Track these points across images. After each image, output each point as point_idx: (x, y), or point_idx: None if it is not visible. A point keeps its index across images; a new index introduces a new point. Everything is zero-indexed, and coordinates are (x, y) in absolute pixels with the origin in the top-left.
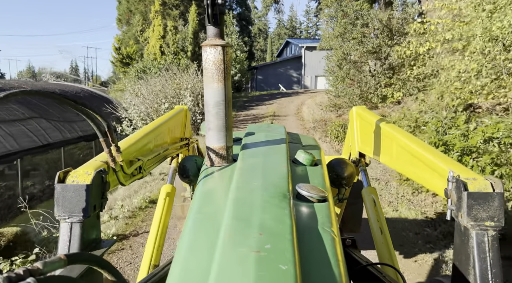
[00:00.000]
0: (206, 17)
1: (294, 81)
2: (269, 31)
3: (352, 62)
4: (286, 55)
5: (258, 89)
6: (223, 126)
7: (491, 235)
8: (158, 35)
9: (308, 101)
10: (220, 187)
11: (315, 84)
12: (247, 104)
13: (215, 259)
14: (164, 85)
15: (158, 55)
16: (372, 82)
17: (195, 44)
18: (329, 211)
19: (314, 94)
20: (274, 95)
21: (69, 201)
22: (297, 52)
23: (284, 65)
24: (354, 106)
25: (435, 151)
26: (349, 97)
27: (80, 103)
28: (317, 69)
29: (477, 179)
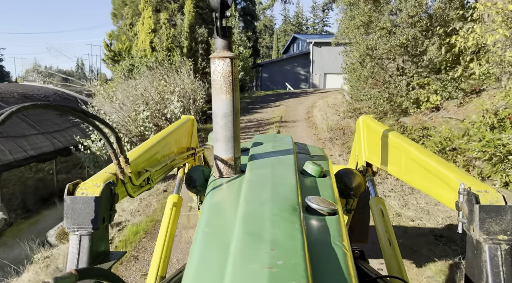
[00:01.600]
0: (214, 29)
1: (301, 80)
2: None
3: (377, 58)
4: (293, 51)
5: (263, 88)
6: (231, 137)
7: (505, 249)
8: (148, 28)
9: (319, 102)
10: (229, 199)
11: (324, 82)
12: (250, 106)
13: (227, 275)
14: (147, 88)
15: (148, 52)
16: (403, 83)
17: (191, 39)
18: (340, 225)
19: (325, 95)
20: (281, 96)
21: (78, 213)
22: (304, 48)
23: (291, 62)
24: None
25: (445, 163)
26: (374, 101)
27: (90, 115)
28: (326, 66)
29: (488, 192)
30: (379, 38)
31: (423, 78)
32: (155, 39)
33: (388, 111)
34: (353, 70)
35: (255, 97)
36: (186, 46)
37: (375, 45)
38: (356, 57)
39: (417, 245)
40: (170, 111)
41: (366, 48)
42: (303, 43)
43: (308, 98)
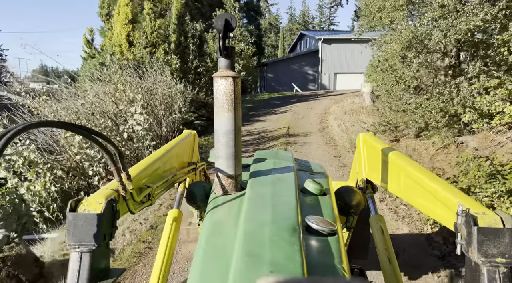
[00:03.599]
0: (218, 49)
1: (309, 80)
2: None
3: (426, 53)
4: (300, 49)
5: (267, 89)
6: (232, 155)
7: (503, 271)
8: (124, 19)
9: (334, 108)
10: (229, 217)
11: (334, 83)
12: (251, 113)
13: None
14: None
15: (125, 48)
16: (464, 86)
17: (180, 32)
18: (339, 245)
19: (339, 98)
20: (287, 99)
21: (79, 230)
22: (313, 45)
23: (298, 61)
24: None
25: (444, 183)
26: (423, 112)
27: (93, 132)
28: (336, 65)
29: (487, 214)
30: (435, 21)
31: (493, 79)
32: (136, 32)
33: (443, 126)
34: (390, 70)
35: (258, 102)
36: (174, 41)
37: (427, 33)
38: (396, 51)
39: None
40: (127, 129)
41: (413, 38)
42: (311, 41)
43: (320, 103)
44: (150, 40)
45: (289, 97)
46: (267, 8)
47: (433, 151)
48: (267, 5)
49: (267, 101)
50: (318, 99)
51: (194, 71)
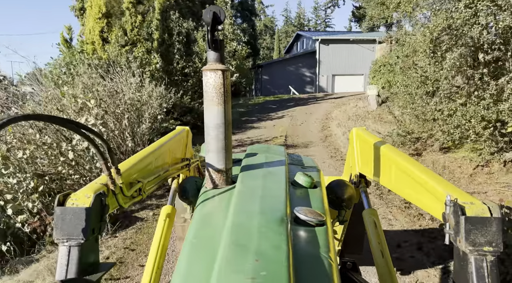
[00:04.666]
0: (206, 42)
1: (307, 82)
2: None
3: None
4: (296, 50)
5: (263, 92)
6: (222, 148)
7: (490, 260)
8: (97, 12)
9: (336, 113)
10: (218, 210)
11: (332, 85)
12: (244, 118)
13: None
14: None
15: (98, 45)
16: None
17: (163, 29)
18: (327, 236)
19: (340, 101)
20: (284, 103)
21: (68, 224)
22: (309, 46)
23: (294, 63)
24: (354, 128)
25: (433, 174)
26: (458, 121)
27: (81, 126)
28: (334, 66)
29: (474, 203)
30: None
31: None
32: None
33: (485, 139)
34: (414, 69)
35: (252, 106)
36: (157, 38)
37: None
38: (425, 44)
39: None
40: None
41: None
42: (308, 41)
43: (319, 107)
44: (130, 37)
45: (286, 101)
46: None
47: (470, 169)
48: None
49: (262, 105)
50: (318, 103)
51: (180, 72)
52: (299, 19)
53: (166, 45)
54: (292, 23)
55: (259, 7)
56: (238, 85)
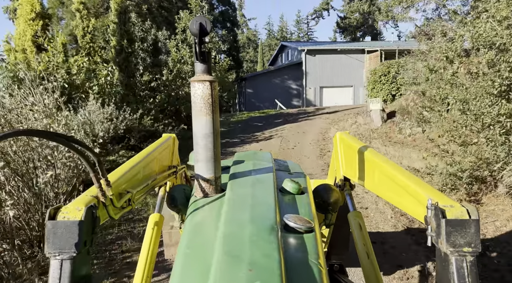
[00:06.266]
0: (194, 54)
1: (293, 95)
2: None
3: None
4: (281, 62)
5: (247, 107)
6: (211, 157)
7: (469, 260)
8: (29, 12)
9: (333, 132)
10: (209, 220)
11: (320, 98)
12: (225, 140)
13: None
14: None
15: (31, 53)
16: None
17: (121, 34)
18: (316, 242)
19: (336, 117)
20: (271, 120)
21: (59, 238)
22: (295, 57)
23: (279, 75)
24: (338, 133)
25: (415, 178)
26: None
27: (71, 140)
28: (322, 78)
29: (454, 206)
30: None
31: None
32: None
33: None
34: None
35: (235, 124)
36: (114, 45)
37: None
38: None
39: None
40: None
41: None
42: (293, 52)
43: (313, 124)
44: (82, 45)
45: (273, 117)
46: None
47: None
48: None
49: (246, 122)
50: (310, 119)
51: (145, 86)
52: (282, 33)
53: (125, 53)
54: (275, 36)
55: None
56: (219, 100)
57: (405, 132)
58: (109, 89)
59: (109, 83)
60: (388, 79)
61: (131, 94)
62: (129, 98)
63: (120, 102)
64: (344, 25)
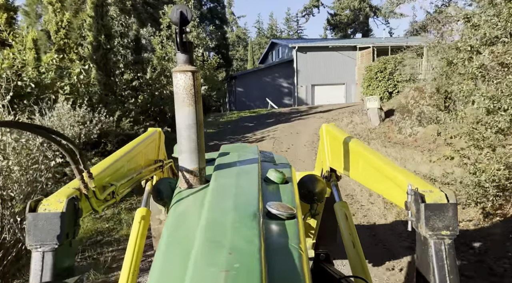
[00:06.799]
0: (175, 44)
1: (285, 93)
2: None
3: None
4: (272, 60)
5: (237, 106)
6: (195, 148)
7: (448, 243)
8: None
9: None
10: (193, 209)
11: (312, 96)
12: (213, 143)
13: (187, 278)
14: None
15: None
16: None
17: (98, 29)
18: (298, 228)
19: (330, 116)
20: (263, 119)
21: (40, 230)
22: (286, 55)
23: (270, 73)
24: (324, 124)
25: (396, 166)
26: None
27: (51, 131)
28: (313, 76)
29: (433, 191)
30: None
31: None
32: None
33: None
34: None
35: (224, 124)
36: (91, 41)
37: None
38: None
39: None
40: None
41: None
42: (283, 49)
43: (306, 124)
44: (56, 41)
45: (265, 117)
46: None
47: None
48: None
49: (236, 123)
50: (303, 119)
51: (127, 85)
52: (272, 31)
53: (103, 50)
54: (264, 34)
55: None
56: (208, 99)
57: (405, 132)
58: (83, 89)
59: (84, 83)
60: (384, 76)
61: (110, 94)
62: (107, 99)
63: (98, 103)
64: (335, 22)
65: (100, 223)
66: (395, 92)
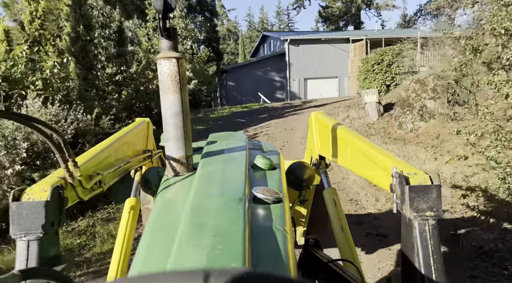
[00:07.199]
0: (159, 30)
1: (277, 87)
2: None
3: None
4: (263, 53)
5: (229, 101)
6: (181, 136)
7: (431, 224)
8: None
9: None
10: (179, 195)
11: (304, 90)
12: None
13: (170, 259)
14: None
15: None
16: None
17: (77, 19)
18: (283, 211)
19: (325, 111)
20: (255, 115)
21: (25, 219)
22: (278, 48)
23: (262, 66)
24: (313, 112)
25: (382, 151)
26: None
27: (31, 119)
28: (306, 69)
29: (417, 174)
30: None
31: None
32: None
33: None
34: None
35: (215, 120)
36: (69, 32)
37: None
38: None
39: None
40: None
41: None
42: (275, 42)
43: (300, 119)
44: (31, 33)
45: (257, 112)
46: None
47: None
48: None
49: (227, 118)
50: (297, 114)
51: (109, 80)
52: (263, 24)
53: (82, 42)
54: (255, 28)
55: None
56: (197, 94)
57: (406, 127)
58: (58, 84)
59: (60, 77)
60: (381, 68)
61: (91, 90)
62: (88, 95)
63: (77, 99)
64: (327, 14)
65: (71, 238)
66: (393, 85)
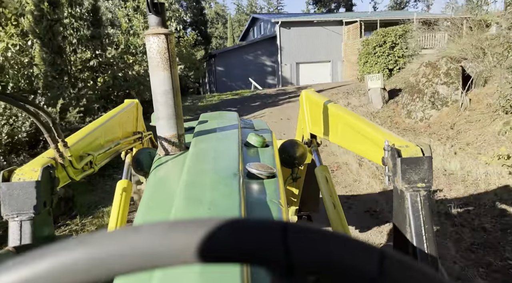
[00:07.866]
0: (147, 6)
1: (268, 72)
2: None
3: None
4: (253, 37)
5: (218, 87)
6: (173, 114)
7: (423, 195)
8: None
9: None
10: (173, 173)
11: (297, 75)
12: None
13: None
14: None
15: None
16: None
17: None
18: (277, 185)
19: None
20: (247, 102)
21: (16, 199)
22: (268, 31)
23: (252, 50)
24: (304, 90)
25: (373, 125)
26: None
27: (19, 99)
28: (298, 53)
29: (409, 146)
30: None
31: None
32: None
33: None
34: None
35: (203, 109)
36: (31, 10)
37: None
38: None
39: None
40: None
41: None
42: (266, 25)
43: (296, 107)
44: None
45: (249, 99)
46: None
47: None
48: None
49: (217, 107)
50: (292, 101)
51: (83, 66)
52: (251, 7)
53: (47, 21)
54: (244, 11)
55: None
56: (184, 80)
57: (416, 116)
58: (15, 70)
59: (20, 62)
60: (384, 50)
61: (59, 77)
62: (55, 83)
63: (43, 89)
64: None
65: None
66: (396, 69)
